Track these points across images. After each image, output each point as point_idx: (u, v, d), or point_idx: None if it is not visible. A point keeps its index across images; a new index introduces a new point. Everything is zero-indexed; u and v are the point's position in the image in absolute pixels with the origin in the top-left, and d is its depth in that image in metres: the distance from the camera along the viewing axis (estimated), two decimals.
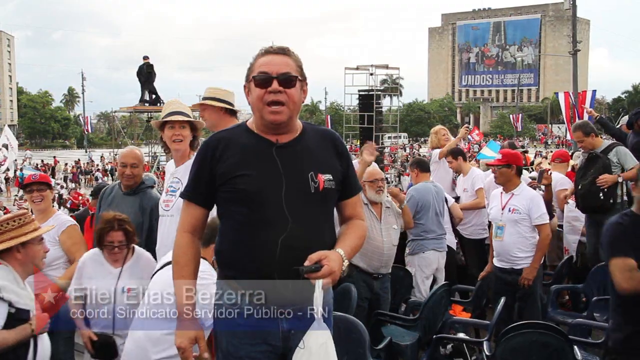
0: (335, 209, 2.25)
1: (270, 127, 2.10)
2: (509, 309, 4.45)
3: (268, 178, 2.05)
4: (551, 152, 8.40)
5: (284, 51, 2.11)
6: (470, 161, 7.28)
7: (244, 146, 2.11)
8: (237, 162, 2.08)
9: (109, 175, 31.32)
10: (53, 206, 4.26)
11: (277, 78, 2.05)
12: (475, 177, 5.99)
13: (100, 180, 26.05)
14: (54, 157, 42.64)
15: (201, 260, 2.26)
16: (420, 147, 47.32)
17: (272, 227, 2.02)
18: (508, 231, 4.53)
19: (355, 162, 4.04)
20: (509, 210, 4.54)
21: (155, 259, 3.53)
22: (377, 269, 4.44)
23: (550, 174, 5.84)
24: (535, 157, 20.05)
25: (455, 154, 6.20)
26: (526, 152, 13.02)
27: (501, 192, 4.69)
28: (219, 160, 2.10)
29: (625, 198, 5.32)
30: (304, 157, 2.11)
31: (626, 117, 7.18)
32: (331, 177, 2.11)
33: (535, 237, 4.53)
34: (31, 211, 3.64)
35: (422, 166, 5.51)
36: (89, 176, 32.99)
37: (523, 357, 3.23)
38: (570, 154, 10.63)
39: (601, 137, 5.73)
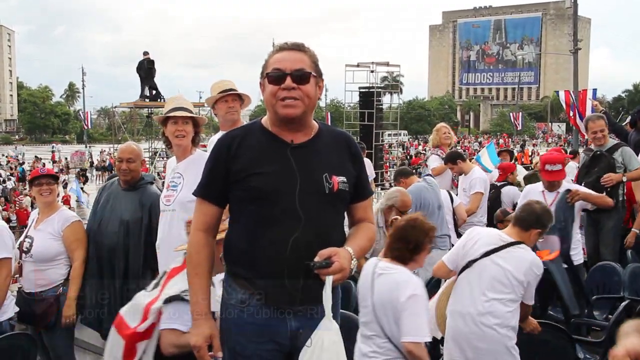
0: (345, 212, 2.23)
1: (284, 122, 2.06)
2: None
3: (282, 177, 2.03)
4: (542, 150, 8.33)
5: (298, 47, 2.08)
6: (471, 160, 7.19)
7: (259, 144, 2.09)
8: (252, 160, 2.06)
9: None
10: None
11: (290, 74, 2.01)
12: (474, 180, 5.84)
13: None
14: (53, 151, 42.56)
15: None
16: (420, 145, 47.02)
17: (284, 226, 2.00)
18: None
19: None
20: None
21: (156, 254, 3.53)
22: None
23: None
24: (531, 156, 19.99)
25: (453, 159, 6.03)
26: (524, 144, 13.03)
27: (542, 191, 4.68)
28: (233, 158, 2.08)
29: (624, 197, 5.32)
30: (319, 158, 2.09)
31: (629, 117, 7.14)
32: (345, 180, 2.09)
33: (579, 232, 4.74)
34: (31, 205, 3.63)
35: (406, 173, 5.44)
36: (100, 172, 30.79)
37: (524, 355, 3.23)
38: (568, 152, 10.56)
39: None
